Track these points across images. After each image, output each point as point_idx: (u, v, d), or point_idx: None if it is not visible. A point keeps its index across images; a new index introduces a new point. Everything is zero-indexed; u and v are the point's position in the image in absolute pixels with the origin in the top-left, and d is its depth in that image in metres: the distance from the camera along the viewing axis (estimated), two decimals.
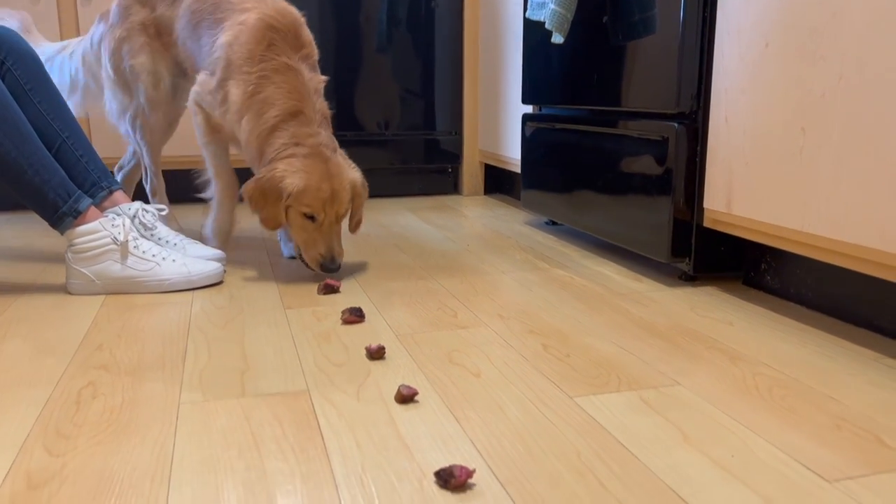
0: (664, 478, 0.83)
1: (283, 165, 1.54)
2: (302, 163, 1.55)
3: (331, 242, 1.60)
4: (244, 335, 1.33)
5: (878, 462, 0.86)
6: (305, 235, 1.60)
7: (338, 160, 1.60)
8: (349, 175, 1.62)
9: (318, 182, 1.54)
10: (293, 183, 1.53)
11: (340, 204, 1.59)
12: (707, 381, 1.11)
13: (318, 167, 1.55)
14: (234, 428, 0.96)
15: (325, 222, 1.58)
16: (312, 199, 1.55)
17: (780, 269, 1.54)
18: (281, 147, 1.57)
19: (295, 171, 1.54)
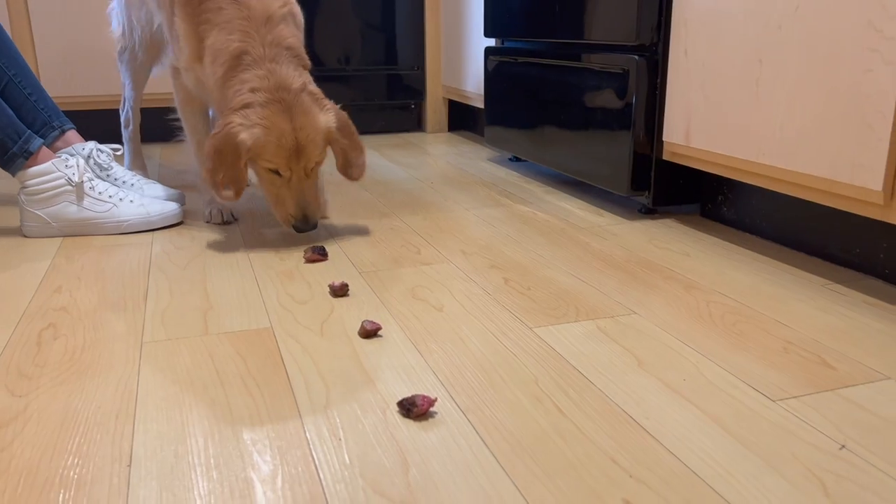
0: (619, 402, 0.87)
1: (238, 118, 1.35)
2: (259, 113, 1.35)
3: (302, 199, 1.42)
4: (206, 275, 1.32)
5: (820, 382, 0.91)
6: (274, 191, 1.42)
7: (304, 103, 1.38)
8: (319, 120, 1.39)
9: (279, 134, 1.35)
10: (249, 138, 1.35)
11: (308, 156, 1.39)
12: (662, 309, 1.14)
13: (278, 116, 1.35)
14: (198, 365, 0.97)
15: (294, 177, 1.40)
16: (274, 154, 1.36)
17: (736, 201, 1.57)
18: (234, 96, 1.38)
19: (251, 124, 1.34)
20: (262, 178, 1.42)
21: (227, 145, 1.35)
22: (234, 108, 1.36)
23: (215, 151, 1.35)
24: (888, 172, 1.07)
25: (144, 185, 1.73)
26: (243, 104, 1.35)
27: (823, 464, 0.74)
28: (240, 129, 1.35)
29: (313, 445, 0.78)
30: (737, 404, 0.86)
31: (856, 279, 1.26)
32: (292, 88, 1.37)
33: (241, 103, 1.36)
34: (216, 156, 1.36)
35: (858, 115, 1.10)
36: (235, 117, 1.35)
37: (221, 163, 1.36)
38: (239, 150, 1.35)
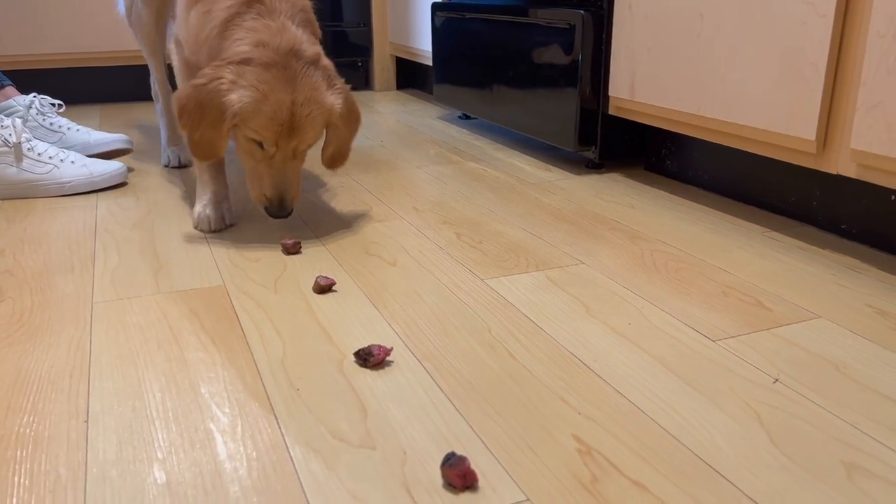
0: (568, 346, 0.90)
1: (230, 74, 1.12)
2: (257, 74, 1.12)
3: (282, 181, 1.20)
4: (154, 235, 1.31)
5: (757, 322, 0.96)
6: (252, 163, 1.21)
7: (313, 77, 1.16)
8: (325, 99, 1.18)
9: (275, 105, 1.13)
10: (239, 100, 1.12)
11: (301, 137, 1.17)
12: (608, 259, 1.18)
13: (280, 83, 1.13)
14: (151, 323, 0.97)
15: (278, 155, 1.18)
16: (263, 126, 1.14)
17: (679, 154, 1.61)
18: (233, 45, 1.15)
19: (246, 85, 1.12)
20: (242, 146, 1.21)
21: (211, 103, 1.13)
22: (229, 60, 1.13)
23: (196, 105, 1.13)
24: (821, 122, 1.11)
25: (90, 133, 1.71)
26: (242, 58, 1.13)
27: (759, 396, 0.79)
28: (230, 88, 1.12)
29: (272, 396, 0.80)
30: (679, 345, 0.90)
31: (791, 226, 1.31)
32: (304, 55, 1.16)
33: (238, 56, 1.13)
34: (196, 110, 1.13)
35: (794, 68, 1.14)
36: (227, 72, 1.12)
37: (201, 120, 1.14)
38: (223, 112, 1.13)
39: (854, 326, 0.94)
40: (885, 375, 0.82)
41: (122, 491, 0.65)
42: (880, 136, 1.02)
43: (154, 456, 0.70)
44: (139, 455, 0.70)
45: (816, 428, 0.73)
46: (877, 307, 0.99)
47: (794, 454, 0.69)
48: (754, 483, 0.65)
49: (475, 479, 0.65)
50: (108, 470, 0.68)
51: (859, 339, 0.91)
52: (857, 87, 1.06)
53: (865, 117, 1.03)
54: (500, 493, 0.64)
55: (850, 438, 0.71)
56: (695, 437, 0.72)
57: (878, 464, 0.68)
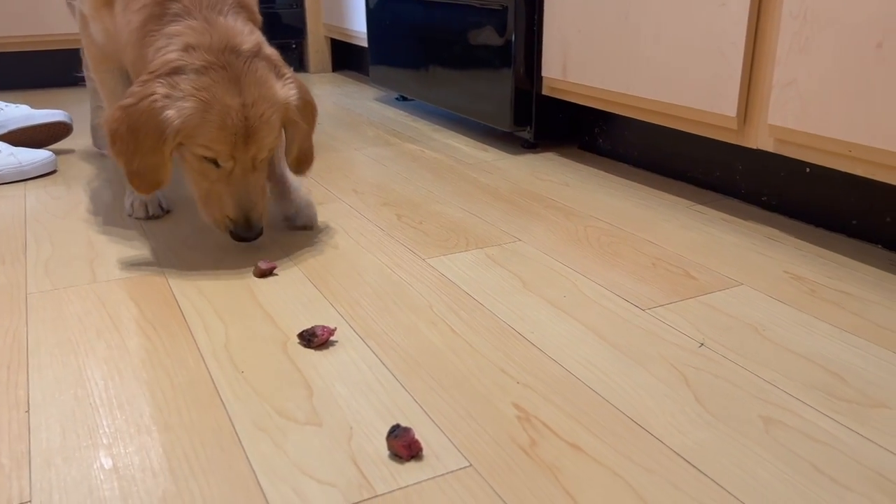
0: (506, 319, 0.93)
1: (162, 88, 0.97)
2: (193, 81, 0.98)
3: (245, 198, 1.05)
4: (88, 224, 1.28)
5: (684, 291, 1.01)
6: (206, 186, 1.05)
7: (258, 71, 1.02)
8: (277, 95, 1.04)
9: (222, 112, 0.98)
10: (178, 116, 0.98)
11: (259, 143, 1.03)
12: (544, 235, 1.22)
13: (222, 87, 0.99)
14: (88, 312, 0.96)
15: (237, 169, 1.04)
16: (214, 139, 1.00)
17: (611, 133, 1.66)
18: (157, 54, 1.01)
19: (183, 96, 0.97)
20: (191, 168, 1.05)
21: (147, 125, 0.98)
22: (157, 73, 0.98)
23: (129, 130, 0.99)
24: (741, 99, 1.17)
25: (13, 109, 1.65)
26: (171, 68, 0.98)
27: (685, 360, 0.84)
28: (165, 104, 0.97)
29: (216, 380, 0.80)
30: (611, 315, 0.94)
31: (716, 200, 1.38)
32: (242, 50, 1.01)
33: (167, 66, 0.98)
34: (130, 136, 0.99)
35: (715, 47, 1.19)
36: (158, 86, 0.97)
37: (137, 146, 0.99)
38: (163, 132, 0.98)
39: (773, 292, 1.00)
40: (800, 336, 0.88)
41: (69, 477, 0.65)
42: (794, 112, 1.08)
43: (100, 442, 0.70)
44: (84, 442, 0.70)
45: (737, 387, 0.78)
46: (794, 273, 1.06)
47: (716, 411, 0.74)
48: (681, 440, 0.70)
49: (420, 448, 0.68)
50: (53, 457, 0.68)
51: (778, 304, 0.97)
52: (772, 66, 1.11)
53: (781, 94, 1.09)
54: (444, 460, 0.67)
55: (767, 395, 0.77)
56: (626, 400, 0.76)
57: (793, 417, 0.73)
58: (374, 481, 0.64)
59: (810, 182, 1.23)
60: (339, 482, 0.64)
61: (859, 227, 1.17)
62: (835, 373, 0.80)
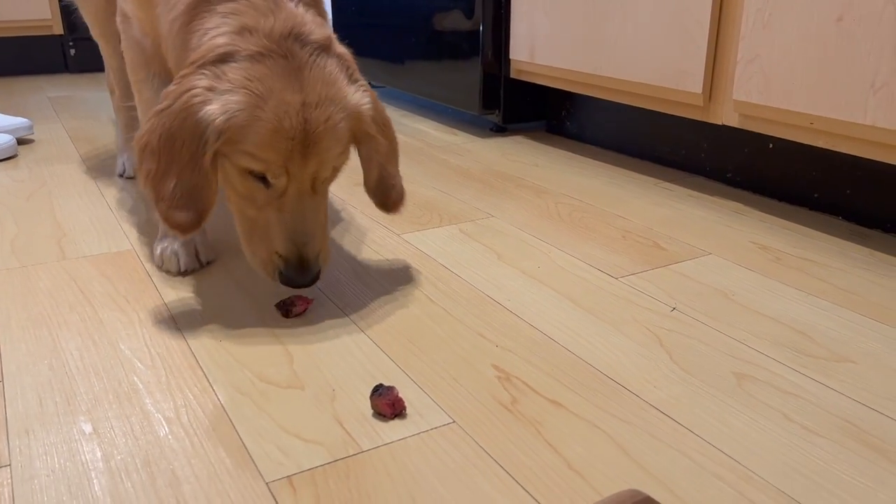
0: (482, 289, 0.94)
1: (206, 80, 0.77)
2: (246, 70, 0.77)
3: (301, 229, 0.82)
4: (53, 205, 1.26)
5: (655, 260, 1.03)
6: (252, 213, 0.83)
7: (326, 67, 0.81)
8: (347, 97, 0.82)
9: (278, 109, 0.77)
10: (223, 109, 0.76)
11: (322, 155, 0.80)
12: (517, 212, 1.23)
13: (281, 79, 0.78)
14: (60, 287, 0.94)
15: (291, 189, 0.81)
16: (264, 144, 0.77)
17: (578, 115, 1.68)
18: (207, 40, 0.80)
19: (230, 88, 0.77)
20: (234, 189, 0.82)
21: (183, 130, 0.77)
22: (201, 62, 0.78)
23: (162, 141, 0.77)
24: (706, 76, 1.20)
25: None
26: (219, 55, 0.78)
27: (658, 323, 0.85)
28: (206, 98, 0.76)
29: (195, 349, 0.80)
30: (585, 283, 0.96)
31: (683, 177, 1.41)
32: (309, 39, 0.81)
33: (214, 52, 0.78)
34: (163, 149, 0.77)
35: (680, 25, 1.21)
36: (199, 79, 0.77)
37: (172, 160, 0.78)
38: (201, 135, 0.76)
39: (740, 260, 1.03)
40: (768, 300, 0.91)
41: (47, 442, 0.64)
42: (758, 87, 1.11)
43: (78, 409, 0.69)
44: (62, 409, 0.69)
45: (709, 346, 0.80)
46: (759, 243, 1.09)
47: (690, 368, 0.76)
48: (656, 394, 0.72)
49: (403, 406, 0.68)
50: (31, 424, 0.67)
51: (745, 271, 0.99)
52: (737, 42, 1.14)
53: (745, 70, 1.12)
54: (427, 418, 0.68)
55: (738, 353, 0.79)
56: (602, 360, 0.78)
57: (763, 371, 0.75)
58: (360, 438, 0.65)
59: (773, 158, 1.27)
60: (324, 440, 0.65)
61: (821, 200, 1.21)
62: (802, 332, 0.83)
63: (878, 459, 0.62)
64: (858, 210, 1.15)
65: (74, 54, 2.62)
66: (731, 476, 0.60)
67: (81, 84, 2.44)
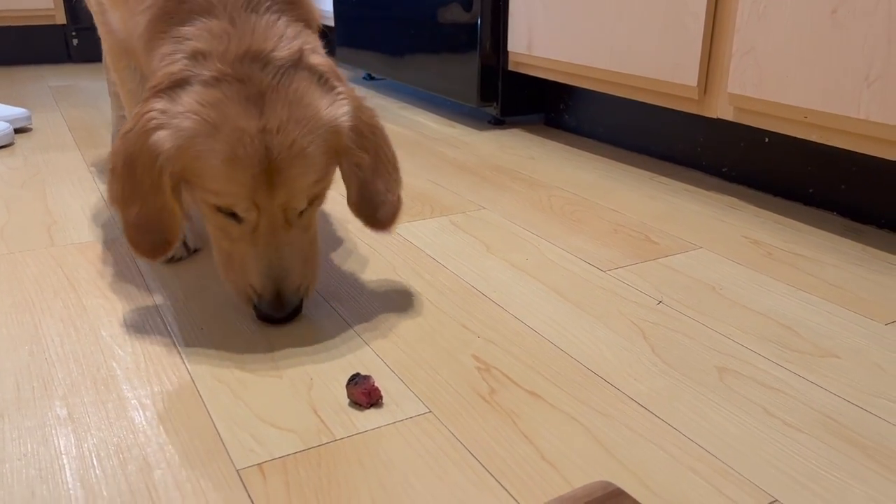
0: (469, 280, 0.94)
1: (160, 103, 0.73)
2: (198, 95, 0.72)
3: (274, 263, 0.77)
4: (46, 193, 1.26)
5: (644, 254, 1.02)
6: (226, 245, 0.79)
7: (293, 84, 0.74)
8: (317, 114, 0.75)
9: (231, 138, 0.71)
10: (173, 135, 0.72)
11: (290, 184, 0.74)
12: (509, 204, 1.22)
13: (233, 104, 0.72)
14: (45, 274, 0.94)
15: (262, 223, 0.76)
16: (222, 178, 0.73)
17: (576, 109, 1.67)
18: (162, 63, 0.76)
19: (182, 112, 0.72)
20: (207, 221, 0.79)
21: (141, 153, 0.73)
22: (158, 88, 0.74)
23: (125, 164, 0.74)
24: (702, 69, 1.18)
25: None
26: (173, 80, 0.73)
27: (643, 316, 0.85)
28: (160, 122, 0.72)
29: (175, 336, 0.80)
30: (572, 276, 0.95)
31: (678, 171, 1.40)
32: (273, 58, 0.74)
33: (169, 78, 0.74)
34: (126, 171, 0.75)
35: (676, 17, 1.20)
36: (156, 101, 0.74)
37: (135, 186, 0.74)
38: (155, 161, 0.73)
39: (731, 255, 1.02)
40: (756, 295, 0.90)
41: (22, 427, 0.64)
42: (753, 80, 1.09)
43: (55, 394, 0.69)
44: (38, 394, 0.69)
45: (693, 340, 0.80)
46: (752, 238, 1.08)
47: (673, 362, 0.75)
48: (637, 387, 0.71)
49: (379, 396, 0.68)
50: (7, 408, 0.67)
51: (735, 266, 0.98)
52: (732, 34, 1.13)
53: (740, 62, 1.11)
54: (403, 407, 0.67)
55: (722, 347, 0.78)
56: (584, 352, 0.77)
57: (747, 366, 0.75)
58: (334, 427, 0.64)
59: (769, 152, 1.25)
60: (298, 428, 0.64)
61: (815, 195, 1.19)
62: (788, 327, 0.82)
63: (857, 455, 0.61)
64: (853, 205, 1.14)
65: (77, 44, 2.62)
66: (706, 470, 0.60)
67: (83, 74, 2.44)
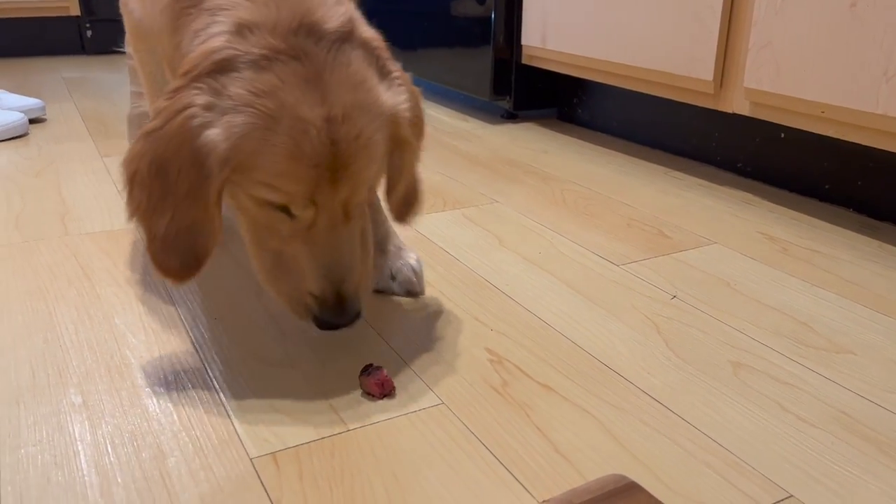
0: (482, 273, 0.94)
1: (204, 95, 0.62)
2: (250, 81, 0.62)
3: (335, 264, 0.68)
4: (60, 182, 1.26)
5: (657, 248, 1.02)
6: (274, 246, 0.68)
7: (352, 63, 0.66)
8: (382, 101, 0.67)
9: (296, 130, 0.62)
10: (227, 135, 0.62)
11: (355, 178, 0.65)
12: (522, 198, 1.22)
13: (297, 89, 0.62)
14: (60, 263, 0.95)
15: (321, 220, 0.66)
16: (282, 173, 0.63)
17: (590, 103, 1.66)
18: (194, 41, 0.66)
19: (234, 106, 0.62)
20: (250, 220, 0.68)
21: (179, 157, 0.62)
22: (195, 73, 0.63)
23: (153, 170, 0.63)
24: (718, 63, 1.18)
25: (1, 94, 1.63)
26: (215, 63, 0.63)
27: (657, 310, 0.84)
28: (206, 119, 0.62)
29: (189, 326, 0.80)
30: (585, 270, 0.95)
31: (693, 166, 1.39)
32: (325, 29, 0.65)
33: (208, 59, 0.63)
34: (155, 180, 0.63)
35: (692, 11, 1.19)
36: (195, 94, 0.62)
37: (166, 193, 0.63)
38: (202, 165, 0.62)
39: (746, 250, 1.01)
40: (771, 290, 0.89)
41: (37, 412, 0.65)
42: (769, 74, 1.09)
43: (69, 381, 0.69)
44: (53, 381, 0.69)
45: (707, 334, 0.79)
46: (767, 233, 1.07)
47: (686, 356, 0.75)
48: (650, 381, 0.71)
49: (392, 387, 0.68)
50: (23, 395, 0.67)
51: (750, 261, 0.98)
52: (749, 29, 1.12)
53: (757, 56, 1.10)
54: (416, 399, 0.67)
55: (737, 342, 0.78)
56: (597, 346, 0.77)
57: (761, 361, 0.74)
58: (347, 417, 0.64)
59: (785, 148, 1.24)
60: (311, 419, 0.64)
61: (832, 191, 1.18)
62: (803, 322, 0.82)
63: (871, 450, 0.61)
64: (870, 202, 1.13)
65: (91, 36, 2.63)
66: (719, 464, 0.59)
67: (97, 65, 2.45)
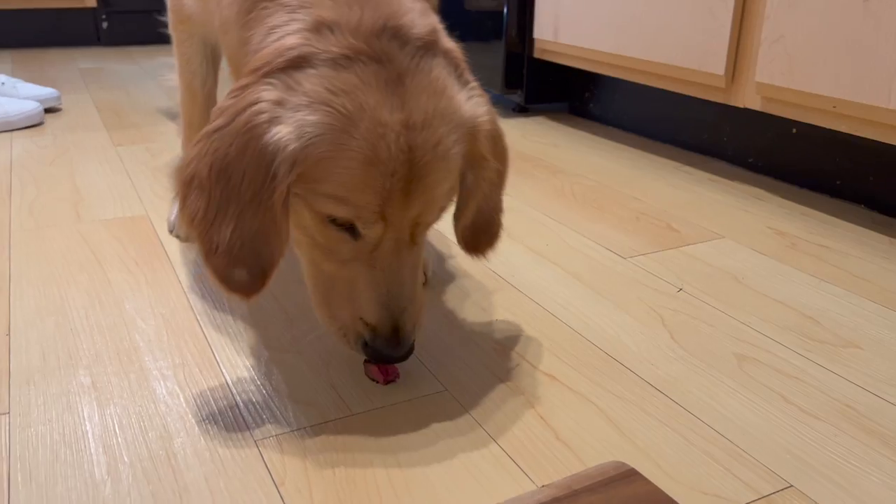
0: (488, 265, 0.94)
1: (274, 91, 0.58)
2: (327, 80, 0.58)
3: (396, 292, 0.62)
4: (73, 171, 1.28)
5: (665, 242, 1.01)
6: (331, 269, 0.63)
7: (432, 72, 0.61)
8: (462, 111, 0.62)
9: (372, 135, 0.57)
10: (297, 133, 0.57)
11: (429, 194, 0.61)
12: (530, 190, 1.22)
13: (376, 92, 0.58)
14: (72, 249, 0.96)
15: (387, 240, 0.61)
16: (354, 183, 0.58)
17: (601, 97, 1.66)
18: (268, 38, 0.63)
19: (306, 104, 0.58)
20: (307, 236, 0.63)
21: (246, 156, 0.57)
22: (267, 69, 0.59)
23: (215, 172, 0.58)
24: (729, 57, 1.17)
25: (17, 84, 1.64)
26: (291, 59, 0.59)
27: (663, 303, 0.84)
28: (275, 115, 0.57)
29: (198, 312, 0.81)
30: (592, 262, 0.95)
31: (704, 161, 1.38)
32: (410, 35, 0.61)
33: (283, 56, 0.59)
34: (217, 183, 0.58)
35: (704, 5, 1.19)
36: (265, 90, 0.58)
37: (230, 199, 0.58)
38: (269, 166, 0.57)
39: (755, 245, 1.01)
40: (779, 284, 0.89)
41: (47, 393, 0.66)
42: (781, 69, 1.08)
43: (79, 363, 0.70)
44: (63, 363, 0.70)
45: (713, 327, 0.79)
46: (776, 229, 1.06)
47: (692, 348, 0.75)
48: (655, 372, 0.71)
49: (396, 373, 0.68)
50: (33, 375, 0.68)
51: (758, 256, 0.97)
52: (761, 22, 1.11)
53: (769, 51, 1.09)
54: (419, 385, 0.68)
55: (742, 335, 0.78)
56: (603, 337, 0.77)
57: (766, 354, 0.74)
58: (351, 402, 0.65)
59: (796, 143, 1.24)
60: (316, 403, 0.65)
61: (843, 187, 1.18)
62: (810, 317, 0.81)
63: (875, 444, 0.61)
64: (881, 198, 1.12)
65: (106, 27, 2.65)
66: (720, 453, 0.59)
67: (112, 57, 2.47)
